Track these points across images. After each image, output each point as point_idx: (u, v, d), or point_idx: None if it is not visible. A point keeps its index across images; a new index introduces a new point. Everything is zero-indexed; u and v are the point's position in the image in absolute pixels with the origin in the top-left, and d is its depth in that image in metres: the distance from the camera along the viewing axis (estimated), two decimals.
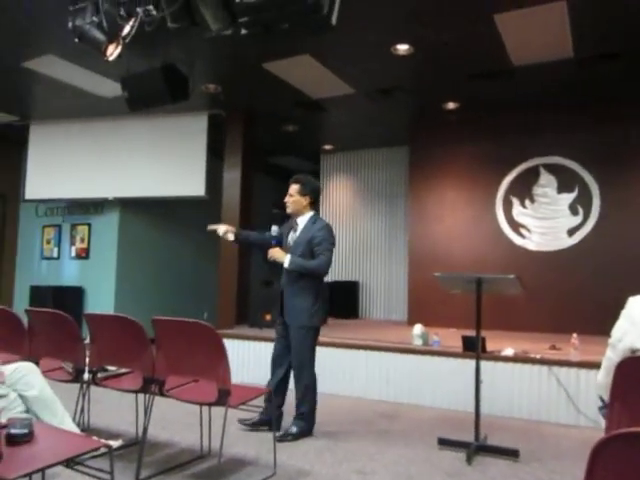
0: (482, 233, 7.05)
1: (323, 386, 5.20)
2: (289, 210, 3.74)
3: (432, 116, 7.01)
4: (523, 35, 4.71)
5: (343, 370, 5.15)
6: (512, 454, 3.36)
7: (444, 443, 3.55)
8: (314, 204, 3.77)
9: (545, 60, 5.16)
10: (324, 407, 4.69)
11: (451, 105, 6.58)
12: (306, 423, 3.74)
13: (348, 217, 9.04)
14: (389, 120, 7.28)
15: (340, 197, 9.18)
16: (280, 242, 3.69)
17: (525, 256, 6.70)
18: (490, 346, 4.62)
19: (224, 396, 2.66)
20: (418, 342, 5.11)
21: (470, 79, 5.67)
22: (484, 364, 3.71)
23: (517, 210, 6.89)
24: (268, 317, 6.00)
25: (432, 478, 3.02)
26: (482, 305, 3.54)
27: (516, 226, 6.87)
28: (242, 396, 2.88)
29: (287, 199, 3.73)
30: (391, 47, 5.01)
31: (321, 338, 5.44)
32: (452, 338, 5.02)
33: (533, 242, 6.75)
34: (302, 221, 3.71)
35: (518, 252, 6.77)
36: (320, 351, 5.26)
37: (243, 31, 4.00)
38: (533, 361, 4.43)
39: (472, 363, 3.67)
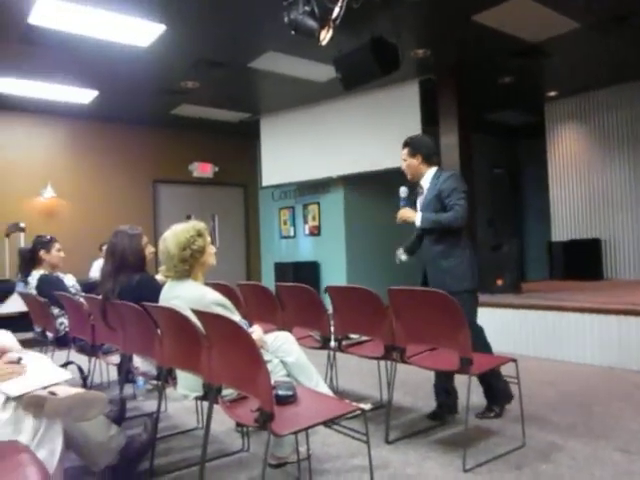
0: None
1: (568, 354, 4.86)
2: (409, 177, 3.50)
3: None
4: None
5: (591, 337, 4.69)
6: None
7: None
8: (430, 160, 3.40)
9: None
10: (572, 377, 4.36)
11: None
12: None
13: (582, 168, 8.12)
14: (624, 52, 6.27)
15: (570, 147, 8.28)
16: (409, 203, 3.48)
17: None
18: None
19: (467, 364, 2.62)
20: None
21: None
22: None
23: None
24: (499, 282, 5.76)
25: None
26: None
27: None
28: (484, 364, 2.81)
29: (402, 165, 3.50)
30: None
31: (563, 303, 5.08)
32: None
33: None
34: (426, 181, 3.42)
35: None
36: (562, 317, 4.93)
37: None
38: None
39: None
